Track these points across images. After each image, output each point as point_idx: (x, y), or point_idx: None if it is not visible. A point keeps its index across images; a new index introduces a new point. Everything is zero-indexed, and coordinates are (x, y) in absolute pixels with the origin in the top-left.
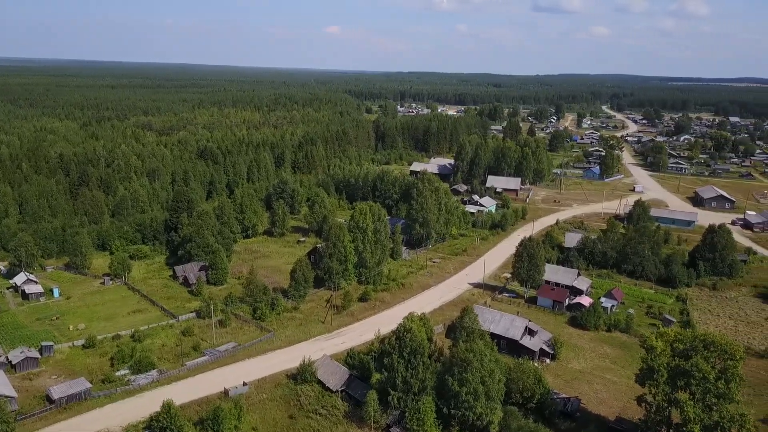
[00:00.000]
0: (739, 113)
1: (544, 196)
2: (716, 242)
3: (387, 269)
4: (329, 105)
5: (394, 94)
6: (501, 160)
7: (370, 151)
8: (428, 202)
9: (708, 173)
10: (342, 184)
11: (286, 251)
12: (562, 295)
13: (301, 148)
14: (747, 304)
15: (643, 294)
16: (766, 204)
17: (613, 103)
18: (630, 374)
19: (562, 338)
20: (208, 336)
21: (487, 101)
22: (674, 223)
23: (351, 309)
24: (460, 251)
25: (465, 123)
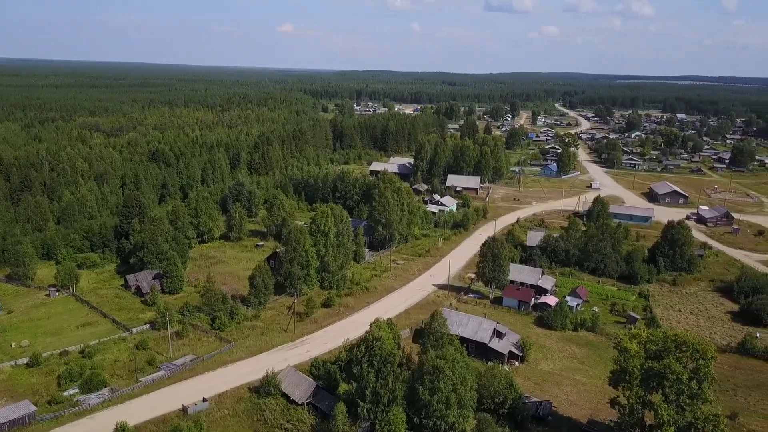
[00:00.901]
0: (686, 110)
1: (504, 194)
2: (675, 238)
3: (350, 273)
4: (285, 104)
5: (351, 93)
6: (460, 159)
7: (328, 151)
8: (390, 203)
9: (660, 169)
10: (301, 185)
11: (244, 256)
12: (527, 295)
13: (257, 149)
14: (706, 299)
15: (606, 291)
16: (716, 199)
17: (566, 101)
18: (599, 374)
19: (530, 339)
20: (164, 349)
21: (443, 100)
22: (632, 219)
23: (314, 316)
24: (423, 252)
25: (423, 122)
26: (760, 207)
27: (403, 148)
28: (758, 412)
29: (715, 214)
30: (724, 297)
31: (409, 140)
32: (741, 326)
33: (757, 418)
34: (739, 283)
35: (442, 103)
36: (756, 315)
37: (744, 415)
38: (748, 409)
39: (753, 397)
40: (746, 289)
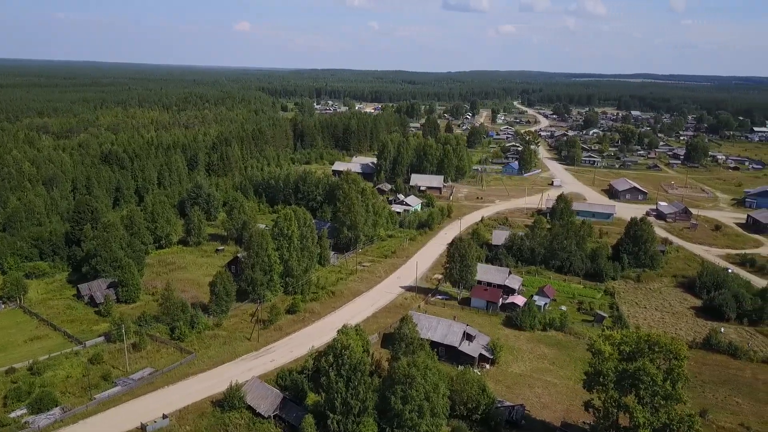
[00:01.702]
0: (639, 107)
1: (467, 192)
2: (638, 235)
3: (315, 277)
4: (243, 103)
5: (310, 92)
6: (423, 158)
7: (288, 151)
8: (355, 204)
9: (618, 166)
10: (261, 186)
11: (203, 262)
12: (495, 295)
13: (216, 150)
14: (670, 295)
15: (573, 289)
16: (674, 194)
17: (524, 99)
18: (569, 375)
19: (500, 341)
20: (120, 362)
21: (403, 98)
22: (594, 216)
23: (279, 323)
24: (389, 253)
25: (384, 121)
26: (715, 202)
27: (365, 147)
28: (726, 408)
29: (674, 210)
30: (687, 292)
31: (372, 139)
32: (705, 321)
33: (726, 414)
34: (701, 278)
35: (402, 101)
36: (718, 310)
37: (713, 412)
38: (717, 406)
39: (721, 393)
40: (708, 285)
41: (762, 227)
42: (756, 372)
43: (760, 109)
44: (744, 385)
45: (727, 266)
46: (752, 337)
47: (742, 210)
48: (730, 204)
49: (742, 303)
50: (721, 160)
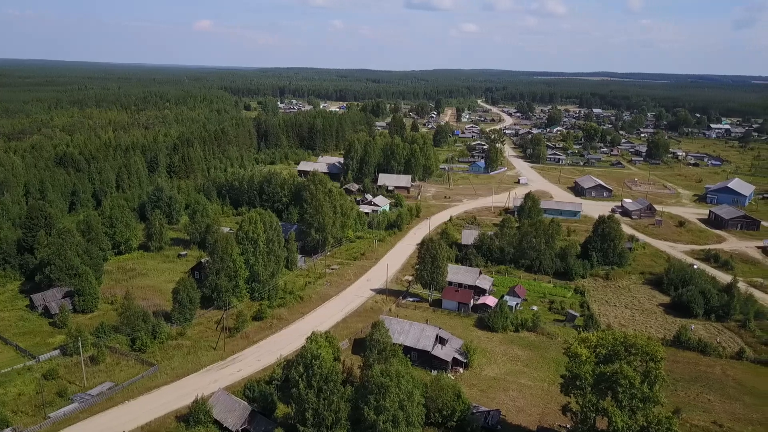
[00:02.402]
0: (600, 105)
1: (435, 192)
2: (606, 233)
3: (282, 282)
4: (205, 103)
5: (274, 91)
6: (390, 157)
7: (252, 151)
8: (323, 205)
9: (583, 163)
10: (225, 188)
11: (165, 267)
12: (466, 297)
13: (177, 151)
14: (639, 292)
15: (543, 288)
16: (638, 191)
17: (488, 97)
18: (543, 376)
19: (473, 343)
20: (77, 377)
21: (368, 97)
22: (561, 214)
23: (245, 330)
24: (358, 255)
25: (350, 119)
26: (677, 198)
27: (331, 146)
28: (698, 406)
29: (639, 207)
30: (655, 289)
31: (338, 138)
32: (674, 318)
33: (699, 413)
34: (668, 275)
35: (368, 100)
36: (686, 306)
37: (686, 410)
38: (689, 404)
39: (693, 391)
40: (675, 281)
41: (724, 223)
42: (725, 368)
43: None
44: (714, 381)
45: (692, 262)
46: (720, 333)
47: (704, 206)
48: (692, 200)
49: (709, 299)
50: (681, 157)
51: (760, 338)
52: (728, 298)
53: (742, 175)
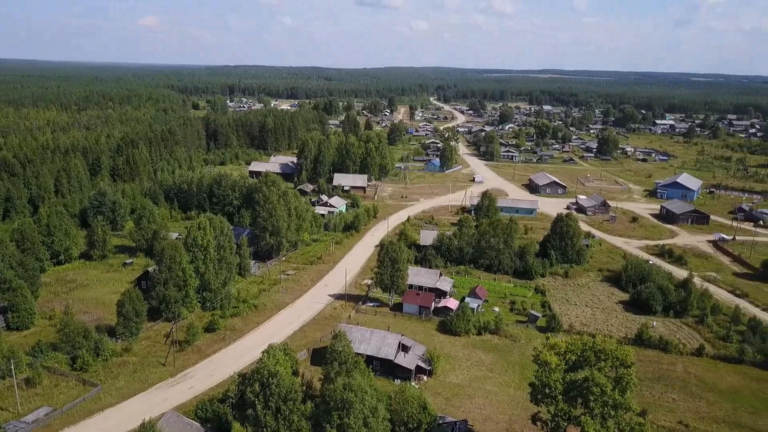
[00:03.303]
0: (550, 102)
1: (391, 191)
2: (564, 231)
3: (236, 290)
4: (150, 102)
5: (223, 89)
6: (345, 156)
7: (201, 152)
8: (276, 208)
9: (536, 160)
10: (173, 191)
11: (109, 277)
12: (427, 300)
13: (121, 153)
14: (598, 290)
15: (504, 288)
16: (591, 187)
17: (440, 95)
18: (508, 381)
19: (436, 349)
20: (9, 403)
21: (320, 95)
22: (518, 212)
23: (197, 343)
24: (315, 259)
25: (302, 118)
26: (629, 194)
27: (283, 145)
28: (663, 406)
29: (594, 203)
30: (614, 286)
31: (290, 137)
32: (633, 316)
33: (664, 412)
34: (626, 272)
35: (320, 98)
36: (645, 303)
37: (652, 411)
38: (654, 404)
39: (657, 390)
40: (633, 278)
41: (675, 218)
42: (686, 365)
43: (659, 102)
44: (677, 380)
45: (647, 258)
46: (679, 330)
47: (655, 201)
48: (643, 195)
49: (667, 295)
50: (630, 153)
51: (718, 333)
52: (685, 294)
53: (688, 169)
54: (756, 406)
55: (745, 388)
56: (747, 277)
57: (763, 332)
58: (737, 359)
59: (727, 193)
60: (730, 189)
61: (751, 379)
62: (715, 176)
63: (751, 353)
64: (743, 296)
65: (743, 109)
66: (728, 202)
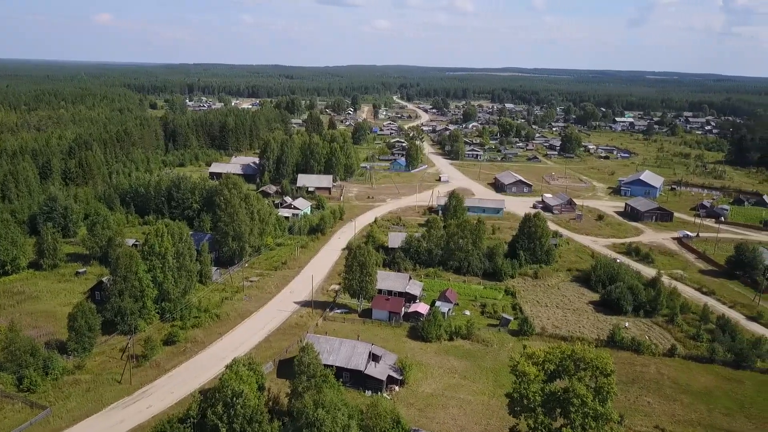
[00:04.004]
0: (512, 100)
1: (357, 192)
2: (533, 231)
3: (196, 299)
4: (106, 101)
5: (182, 88)
6: (309, 157)
7: (159, 153)
8: (238, 212)
9: (500, 158)
10: (129, 195)
11: (61, 288)
12: (397, 305)
13: (74, 155)
14: (568, 290)
15: (474, 291)
16: (556, 186)
17: (403, 93)
18: (482, 389)
19: (407, 357)
20: None
21: (282, 93)
22: (485, 211)
23: (155, 358)
24: (279, 264)
25: (264, 117)
26: (593, 191)
27: (245, 146)
28: (639, 410)
29: (560, 202)
30: (583, 286)
31: (252, 137)
32: (605, 316)
33: (640, 417)
34: (595, 272)
35: (282, 96)
36: (616, 303)
37: (628, 416)
38: (630, 408)
39: (632, 394)
40: (603, 278)
41: (640, 215)
42: (659, 366)
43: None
44: (651, 382)
45: (615, 256)
46: (650, 330)
47: (619, 198)
48: (607, 193)
49: (637, 295)
50: (592, 150)
51: (688, 333)
52: (655, 294)
53: (649, 166)
54: (730, 407)
55: (718, 389)
56: (712, 274)
57: (732, 330)
58: (708, 359)
59: (688, 190)
60: (691, 185)
61: (723, 379)
62: (676, 173)
63: (722, 353)
64: (710, 294)
65: (698, 107)
66: (690, 199)
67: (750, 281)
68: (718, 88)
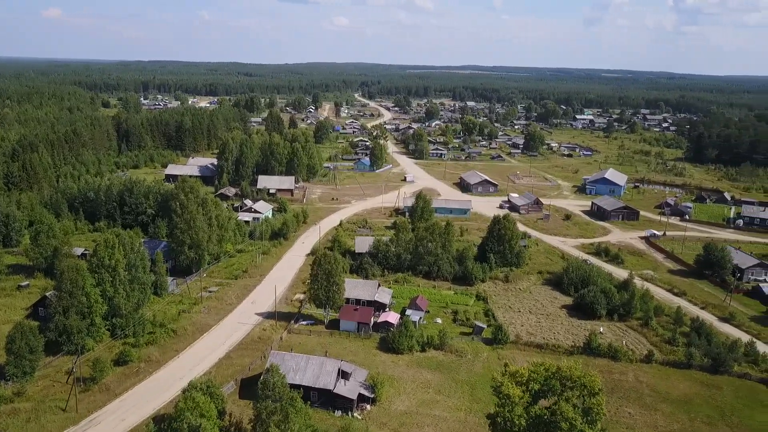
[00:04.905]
0: (473, 98)
1: (321, 193)
2: (503, 233)
3: (151, 313)
4: (54, 100)
5: (136, 86)
6: (270, 157)
7: (112, 154)
8: (196, 218)
9: (465, 157)
10: (78, 200)
11: (1, 303)
12: (366, 315)
13: (17, 157)
14: (540, 294)
15: (444, 297)
16: (522, 185)
17: (364, 91)
18: (458, 405)
19: (378, 372)
20: None
21: (240, 91)
22: (452, 212)
23: (105, 380)
24: (240, 273)
25: (223, 116)
26: (559, 190)
27: (203, 146)
28: (621, 422)
29: (527, 201)
30: (555, 290)
31: (210, 137)
32: (579, 321)
33: (622, 429)
34: (568, 275)
35: (240, 95)
36: (589, 307)
37: (610, 428)
38: (612, 420)
39: (612, 404)
40: (575, 281)
41: (606, 214)
42: (637, 374)
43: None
44: (631, 391)
45: (585, 257)
46: (625, 334)
47: (585, 197)
48: (573, 191)
49: (611, 299)
50: (555, 148)
51: (663, 336)
52: (628, 297)
53: (611, 164)
54: (711, 416)
55: (698, 396)
56: (681, 274)
57: (708, 334)
58: (686, 364)
59: (650, 188)
60: (653, 183)
61: (702, 385)
62: (638, 170)
63: (699, 357)
64: (681, 295)
65: (654, 104)
66: (653, 197)
67: (719, 281)
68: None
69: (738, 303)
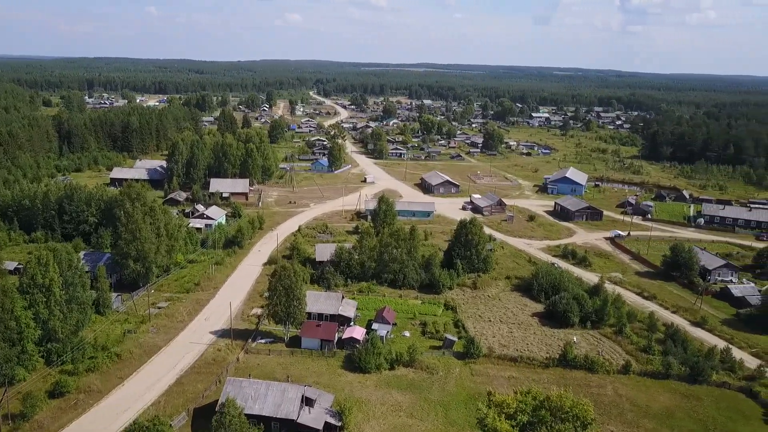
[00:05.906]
0: (429, 96)
1: (277, 196)
2: (469, 238)
3: (92, 335)
4: None
5: (80, 83)
6: (223, 159)
7: (52, 157)
8: (142, 228)
9: (424, 157)
10: (12, 208)
11: None
12: (330, 332)
13: None
14: (509, 301)
15: (411, 307)
16: (483, 185)
17: (320, 89)
18: (431, 428)
19: (344, 394)
20: None
21: (191, 90)
22: (415, 215)
23: (38, 416)
24: (191, 286)
25: (172, 115)
26: (520, 190)
27: (151, 147)
28: None
29: (490, 202)
30: (525, 296)
31: (159, 138)
32: (551, 330)
33: None
34: (537, 280)
35: (191, 93)
36: (561, 315)
37: None
38: None
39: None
40: (545, 287)
41: (570, 215)
42: (616, 387)
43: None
44: (611, 406)
45: (553, 261)
46: (599, 343)
47: (547, 197)
48: (534, 191)
49: (583, 305)
50: (514, 147)
51: (638, 345)
52: (601, 303)
53: (570, 162)
54: (693, 429)
55: (679, 409)
56: (649, 276)
57: (683, 341)
58: (664, 374)
59: (610, 186)
60: (612, 181)
61: (682, 397)
62: (596, 169)
63: (677, 367)
64: (651, 298)
65: (607, 102)
66: (614, 196)
67: (686, 282)
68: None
69: (708, 305)
